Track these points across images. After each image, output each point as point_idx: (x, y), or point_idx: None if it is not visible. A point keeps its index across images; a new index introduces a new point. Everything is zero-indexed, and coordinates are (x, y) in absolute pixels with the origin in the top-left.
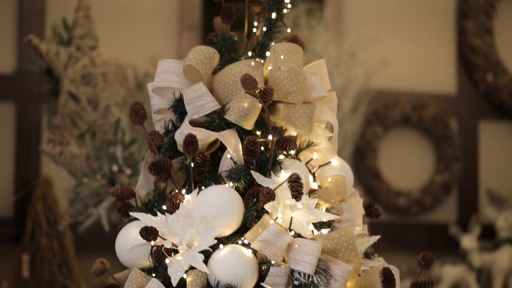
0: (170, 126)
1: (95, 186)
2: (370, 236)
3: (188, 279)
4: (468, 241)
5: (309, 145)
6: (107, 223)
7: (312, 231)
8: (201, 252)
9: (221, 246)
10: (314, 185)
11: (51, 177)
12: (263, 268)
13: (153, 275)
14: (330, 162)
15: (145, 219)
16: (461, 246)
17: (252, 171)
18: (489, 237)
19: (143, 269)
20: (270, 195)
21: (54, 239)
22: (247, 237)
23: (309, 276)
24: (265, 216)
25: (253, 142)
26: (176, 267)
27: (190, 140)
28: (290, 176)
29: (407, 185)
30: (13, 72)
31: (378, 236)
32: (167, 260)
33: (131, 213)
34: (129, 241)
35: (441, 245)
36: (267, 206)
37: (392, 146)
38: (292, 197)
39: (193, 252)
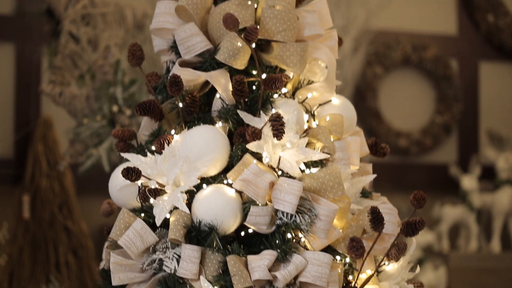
0: (171, 67)
1: (95, 126)
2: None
3: (171, 219)
4: (468, 182)
5: (306, 83)
6: (107, 164)
7: (304, 170)
8: (188, 192)
9: (204, 186)
10: (314, 125)
11: (51, 117)
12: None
13: (142, 215)
14: (330, 100)
15: (134, 160)
16: (461, 186)
17: (238, 111)
18: (489, 177)
19: (134, 210)
20: (256, 134)
21: (55, 179)
22: (229, 177)
23: (292, 215)
24: (247, 156)
25: (239, 82)
26: (160, 207)
27: (174, 81)
28: (271, 115)
29: (407, 125)
30: (13, 13)
31: (374, 175)
32: (152, 200)
33: (122, 154)
34: (119, 181)
35: (441, 185)
36: (252, 146)
37: (392, 87)
38: (274, 136)
39: (176, 192)
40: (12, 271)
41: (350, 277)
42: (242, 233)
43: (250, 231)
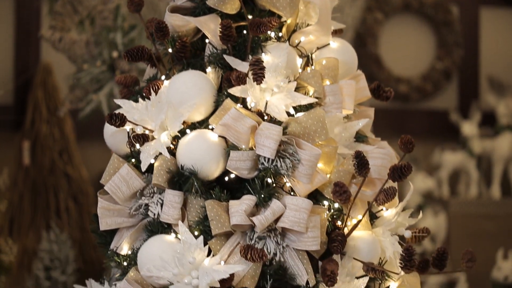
0: None
1: (95, 72)
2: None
3: (155, 164)
4: (468, 128)
5: (303, 27)
6: (107, 109)
7: (293, 115)
8: (176, 137)
9: (187, 131)
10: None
11: (51, 64)
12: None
13: (133, 160)
14: (328, 44)
15: (126, 105)
16: (461, 132)
17: (225, 55)
18: (489, 123)
19: (126, 155)
20: (240, 79)
21: (55, 125)
22: (211, 122)
23: (272, 160)
24: (227, 101)
25: (226, 26)
26: (146, 152)
27: (159, 27)
28: (251, 59)
29: (407, 71)
30: None
31: (367, 119)
32: (138, 146)
33: (115, 100)
34: (111, 127)
35: (441, 131)
36: (235, 90)
37: (392, 33)
38: (253, 81)
39: (160, 137)
40: (12, 217)
41: (339, 223)
42: (226, 178)
43: (232, 176)
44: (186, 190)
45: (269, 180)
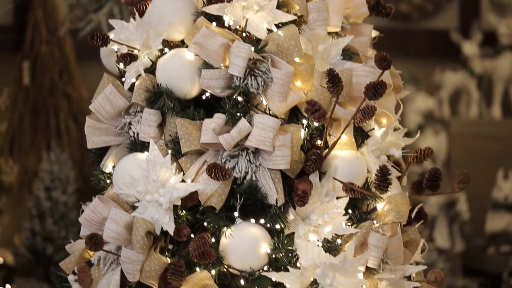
0: None
1: None
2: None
3: (136, 83)
4: (469, 48)
5: None
6: (107, 29)
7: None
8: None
9: (166, 50)
10: None
11: None
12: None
13: (123, 79)
14: None
15: (117, 25)
16: (462, 52)
17: None
18: (490, 43)
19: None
20: None
21: (54, 45)
22: (186, 41)
23: (244, 78)
24: (199, 19)
25: None
26: (129, 71)
27: None
28: None
29: None
30: None
31: (351, 37)
32: (122, 65)
33: (109, 21)
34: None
35: (442, 51)
36: (211, 9)
37: None
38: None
39: (141, 57)
40: (12, 138)
41: (319, 142)
42: (204, 97)
43: (207, 94)
44: (159, 108)
45: (239, 98)
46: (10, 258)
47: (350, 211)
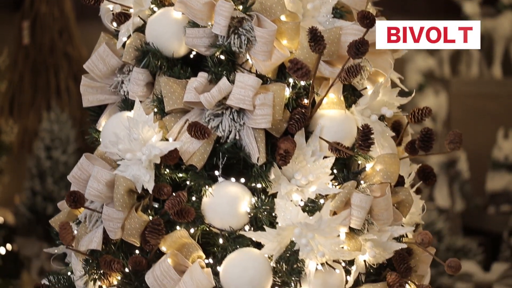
0: None
1: None
2: None
3: (127, 42)
4: (470, 7)
5: None
6: None
7: None
8: None
9: (155, 9)
10: None
11: None
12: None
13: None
14: None
15: None
16: (462, 11)
17: None
18: (491, 2)
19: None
20: None
21: (54, 5)
22: (172, 0)
23: (228, 37)
24: None
25: None
26: (122, 31)
27: None
28: None
29: None
30: None
31: None
32: (115, 24)
33: None
34: (106, 7)
35: (443, 11)
36: None
37: None
38: None
39: (133, 16)
40: (12, 97)
41: (306, 101)
42: (192, 56)
43: (194, 53)
44: (145, 66)
45: (222, 57)
46: (11, 217)
47: (335, 171)
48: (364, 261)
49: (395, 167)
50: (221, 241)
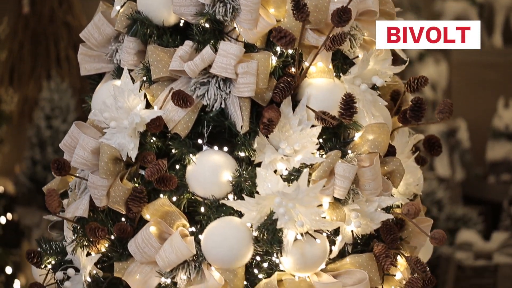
0: None
1: None
2: None
3: (120, 10)
4: None
5: None
6: None
7: None
8: None
9: None
10: None
11: None
12: None
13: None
14: None
15: None
16: None
17: None
18: None
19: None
20: None
21: None
22: None
23: (214, 5)
24: None
25: None
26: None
27: None
28: None
29: None
30: None
31: None
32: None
33: None
34: None
35: None
36: None
37: None
38: None
39: None
40: (12, 67)
41: (293, 69)
42: (181, 24)
43: (182, 22)
44: (134, 34)
45: (207, 25)
46: (11, 187)
47: (325, 141)
48: (352, 231)
49: (383, 137)
50: (203, 209)
